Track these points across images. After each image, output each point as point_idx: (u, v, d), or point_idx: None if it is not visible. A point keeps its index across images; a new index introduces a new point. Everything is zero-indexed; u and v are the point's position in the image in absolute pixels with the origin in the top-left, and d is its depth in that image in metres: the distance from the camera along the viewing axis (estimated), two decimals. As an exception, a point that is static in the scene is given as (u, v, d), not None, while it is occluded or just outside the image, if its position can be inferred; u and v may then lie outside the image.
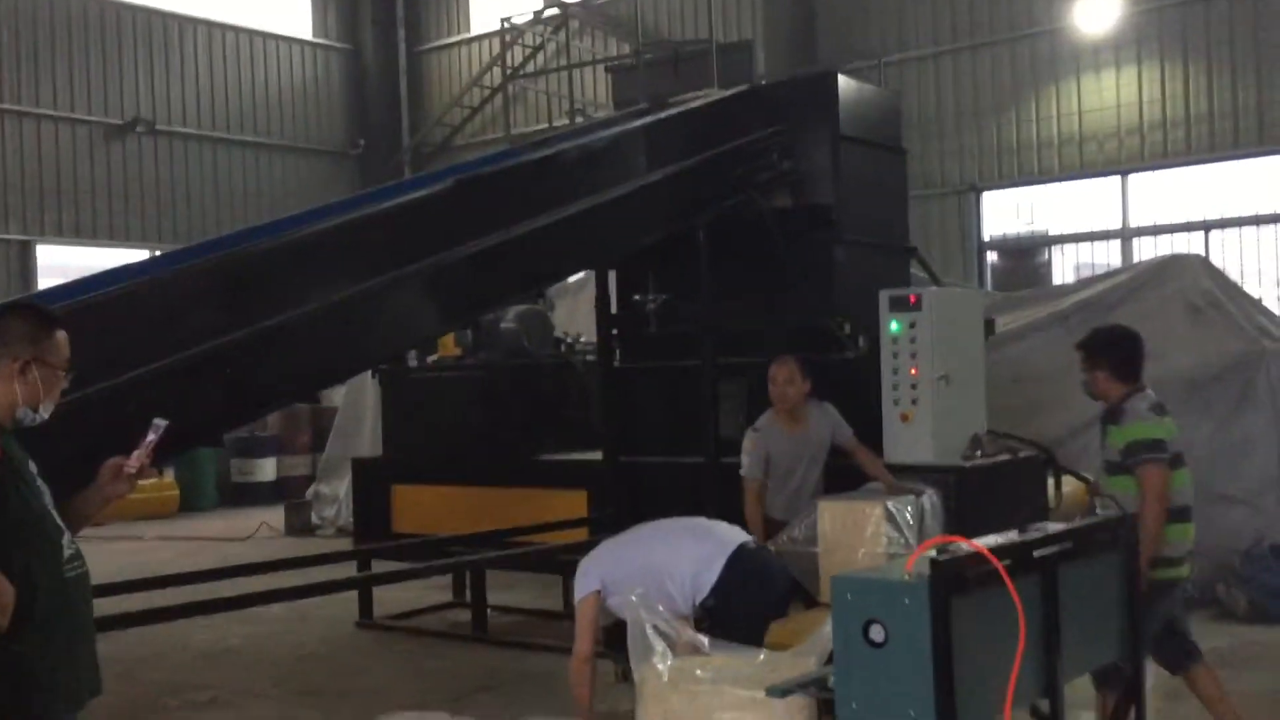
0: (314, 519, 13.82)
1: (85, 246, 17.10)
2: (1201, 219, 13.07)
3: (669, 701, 3.40)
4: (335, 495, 13.48)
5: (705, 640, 3.67)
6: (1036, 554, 3.05)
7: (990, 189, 14.56)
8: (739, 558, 4.43)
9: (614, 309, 7.30)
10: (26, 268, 16.67)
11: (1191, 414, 8.58)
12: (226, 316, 4.33)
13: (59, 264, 16.77)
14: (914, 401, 6.25)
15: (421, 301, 4.99)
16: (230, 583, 6.95)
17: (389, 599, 8.79)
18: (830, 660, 2.87)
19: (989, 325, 7.60)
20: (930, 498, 5.78)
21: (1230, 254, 12.89)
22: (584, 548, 5.28)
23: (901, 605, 2.68)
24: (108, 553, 11.10)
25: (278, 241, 4.71)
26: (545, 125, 16.50)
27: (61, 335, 3.10)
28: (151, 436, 3.16)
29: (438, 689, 6.79)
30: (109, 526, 14.18)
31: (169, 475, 15.49)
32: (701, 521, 4.98)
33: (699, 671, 3.44)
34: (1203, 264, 9.72)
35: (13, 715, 2.86)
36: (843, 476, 6.07)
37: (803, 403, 5.98)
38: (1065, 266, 14.07)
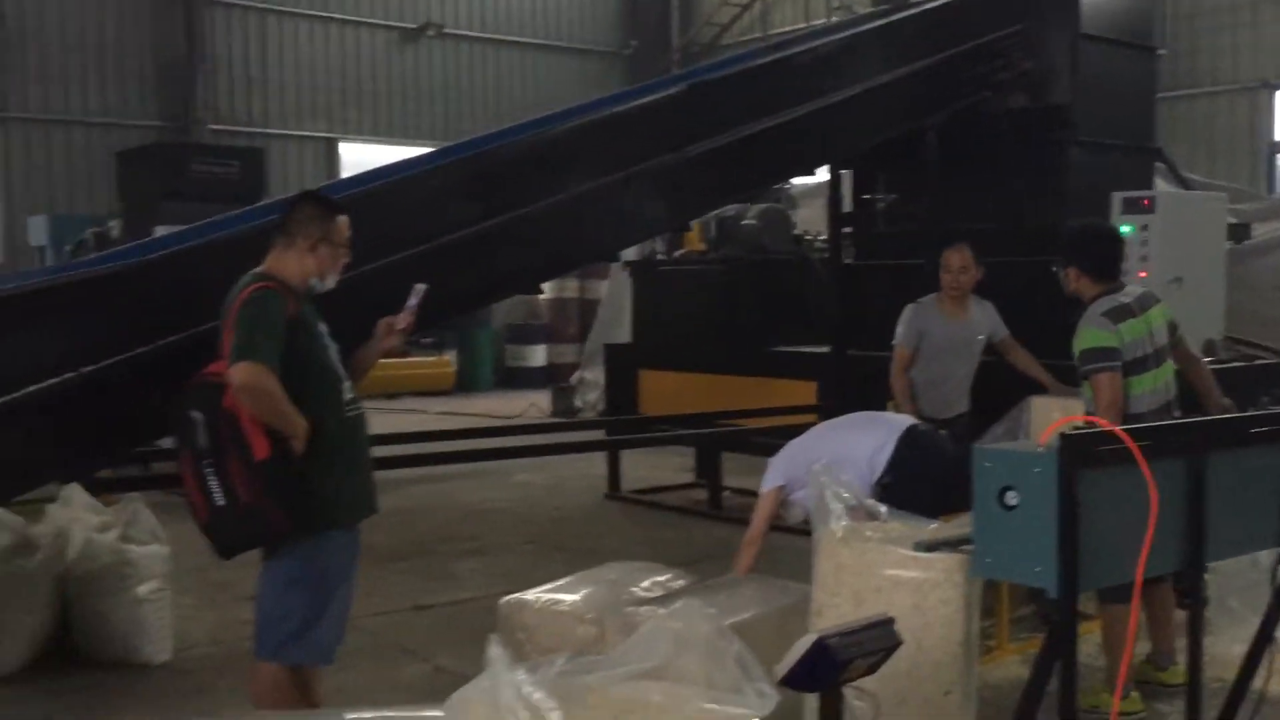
0: (577, 403, 14.81)
1: (380, 144, 18.62)
2: None
3: (840, 556, 3.81)
4: (597, 381, 14.39)
5: (883, 509, 4.03)
6: (1183, 439, 3.24)
7: (1284, 85, 13.56)
8: (910, 437, 4.66)
9: (847, 208, 7.55)
10: (331, 162, 18.35)
11: None
12: (479, 208, 4.96)
13: (359, 160, 18.38)
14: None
15: (651, 198, 5.46)
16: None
17: (635, 476, 9.53)
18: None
19: (1241, 230, 7.37)
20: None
21: None
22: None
23: (1032, 474, 2.96)
24: (398, 419, 12.44)
25: (524, 141, 5.28)
26: (804, 24, 16.52)
27: (343, 219, 3.74)
28: (413, 300, 3.82)
29: (670, 554, 7.41)
30: (399, 400, 15.78)
31: (448, 354, 16.94)
32: (873, 413, 5.27)
33: (869, 532, 3.83)
34: None
35: (306, 522, 3.56)
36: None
37: (970, 292, 6.02)
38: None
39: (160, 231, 9.35)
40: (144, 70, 16.52)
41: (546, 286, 18.99)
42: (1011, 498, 3.01)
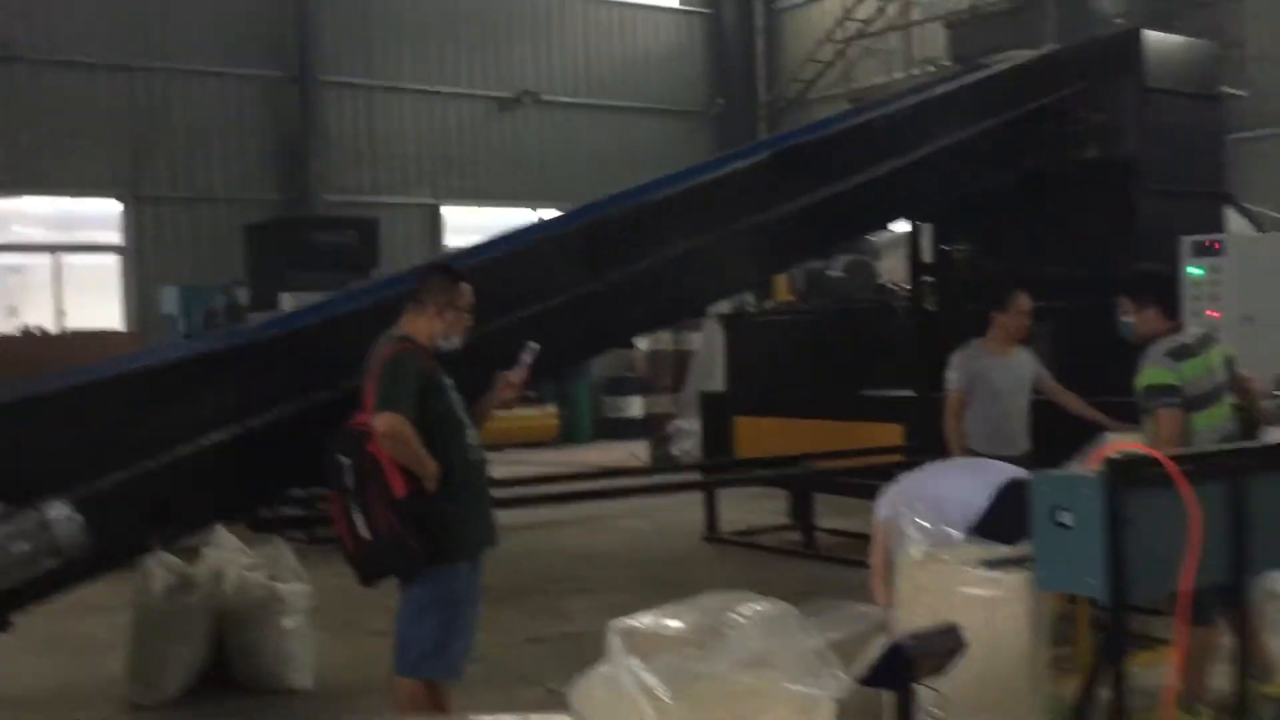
0: (674, 451, 15.23)
1: (480, 207, 19.44)
2: None
3: (918, 578, 4.20)
4: (692, 430, 14.81)
5: (959, 534, 4.39)
6: (1224, 464, 3.58)
7: (1373, 121, 13.56)
8: (1010, 489, 4.70)
9: (928, 258, 7.93)
10: (435, 226, 19.20)
11: None
12: (585, 271, 5.49)
13: (461, 224, 19.22)
14: (1214, 343, 6.50)
15: (739, 257, 5.93)
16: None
17: (731, 519, 9.91)
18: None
19: (1316, 268, 7.54)
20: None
21: None
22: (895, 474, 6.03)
23: (1081, 495, 3.34)
24: (504, 465, 13.02)
25: (625, 208, 5.81)
26: (885, 79, 16.94)
27: (466, 287, 4.29)
28: (526, 358, 4.35)
29: (767, 591, 7.68)
30: (505, 452, 16.39)
31: (550, 407, 17.54)
32: (983, 460, 5.55)
33: (945, 555, 4.21)
34: None
35: (438, 552, 4.07)
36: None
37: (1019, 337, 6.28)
38: None
39: (286, 299, 10.12)
40: (264, 148, 17.61)
41: (641, 340, 19.57)
42: (1065, 517, 3.40)
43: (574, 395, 18.44)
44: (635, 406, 18.96)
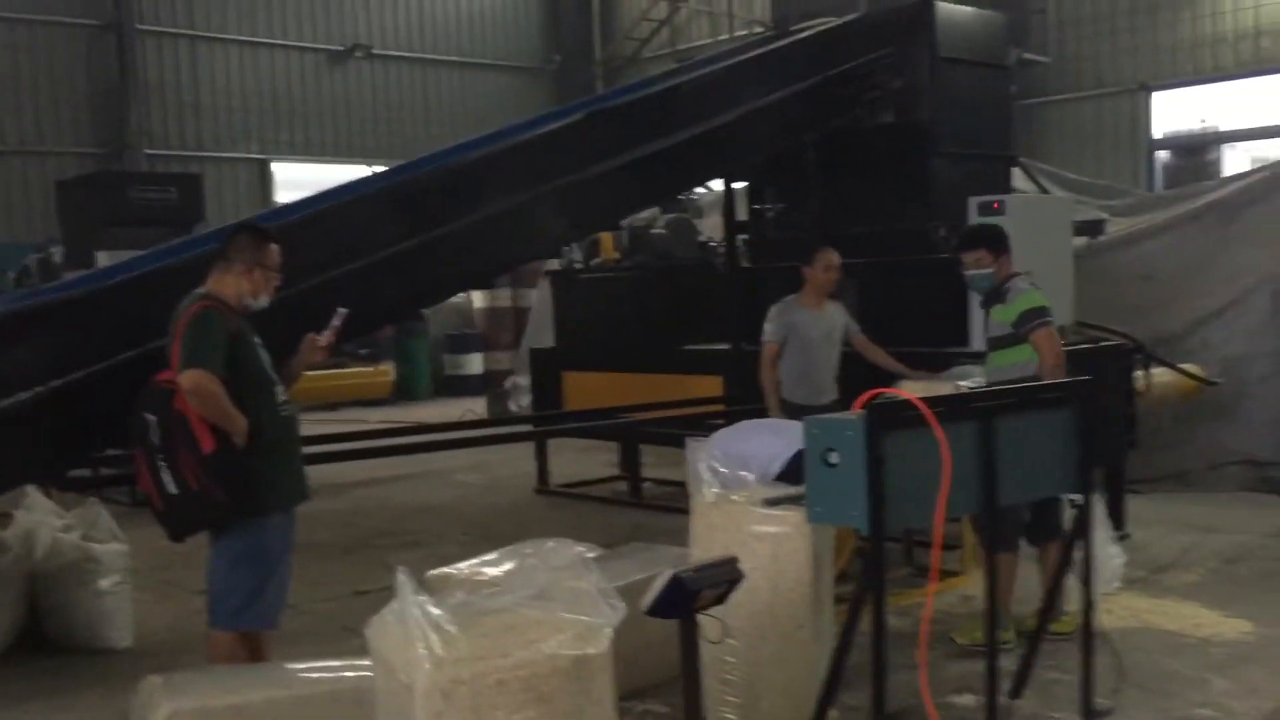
0: (512, 406, 15.40)
1: (313, 163, 19.09)
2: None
3: (711, 518, 4.50)
4: (528, 386, 15.02)
5: (751, 477, 4.70)
6: (975, 405, 3.97)
7: (1161, 88, 14.52)
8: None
9: (742, 217, 8.26)
10: (264, 182, 18.79)
11: (1314, 309, 8.96)
12: (403, 228, 5.59)
13: (292, 179, 18.85)
14: (998, 296, 6.99)
15: (556, 214, 6.11)
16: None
17: (563, 473, 10.18)
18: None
19: (1096, 226, 8.17)
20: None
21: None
22: (716, 425, 6.31)
23: (847, 437, 3.67)
24: (339, 424, 12.97)
25: (443, 167, 5.92)
26: (715, 40, 17.29)
27: (275, 247, 4.34)
28: (336, 321, 4.45)
29: (592, 538, 8.03)
30: (339, 411, 16.30)
31: (385, 364, 17.48)
32: (788, 422, 5.91)
33: (735, 496, 4.51)
34: (1342, 162, 9.81)
35: (248, 506, 4.15)
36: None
37: (829, 291, 6.64)
38: (1236, 164, 13.98)
39: (103, 257, 9.84)
40: (79, 100, 16.91)
41: (480, 296, 19.59)
42: (833, 457, 3.72)
43: (412, 352, 18.39)
44: (475, 363, 19.00)
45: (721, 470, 4.66)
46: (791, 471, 5.12)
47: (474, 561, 5.07)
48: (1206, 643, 5.30)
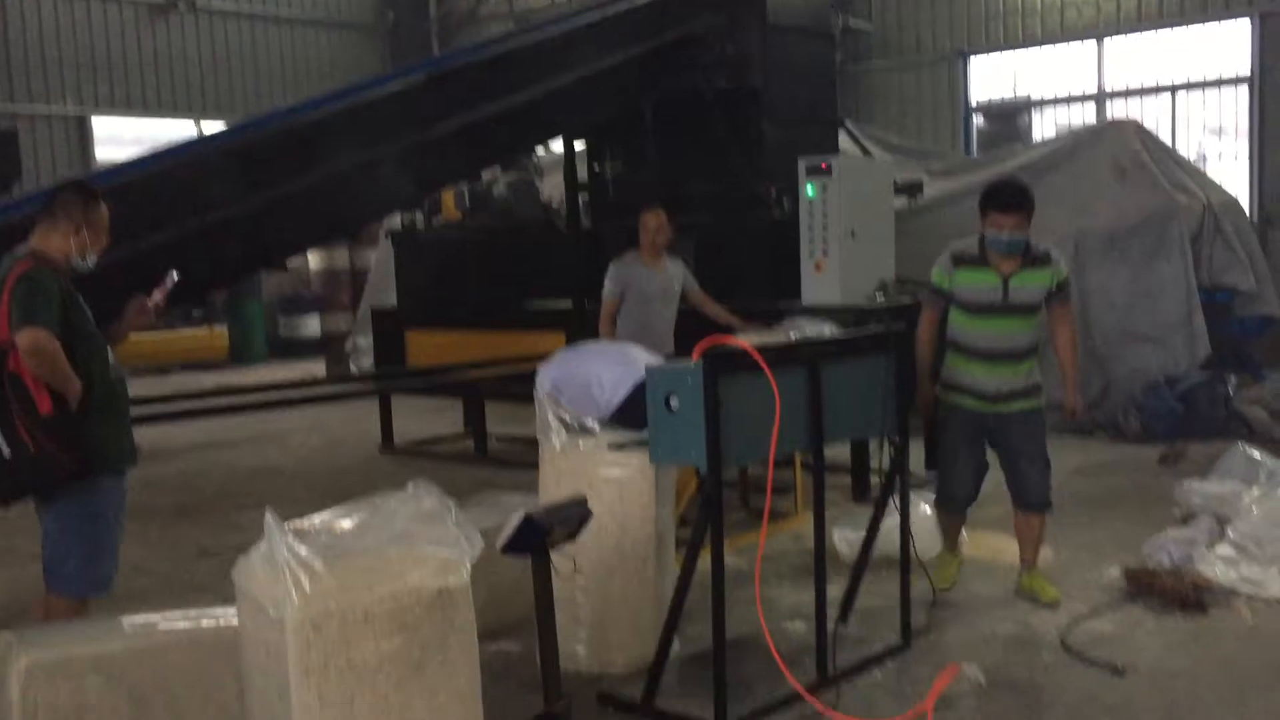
0: (352, 368, 15.28)
1: (135, 118, 18.35)
2: (1170, 82, 13.81)
3: (559, 464, 4.72)
4: (369, 347, 14.92)
5: (596, 425, 4.93)
6: (802, 352, 4.30)
7: (976, 54, 15.26)
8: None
9: (583, 177, 8.46)
10: (84, 138, 17.98)
11: (1111, 263, 9.71)
12: (242, 188, 5.59)
13: (113, 134, 18.09)
14: (825, 253, 7.41)
15: (398, 174, 6.20)
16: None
17: (408, 430, 10.24)
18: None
19: (915, 188, 8.67)
20: (830, 328, 6.86)
21: (1195, 114, 13.71)
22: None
23: (686, 383, 3.94)
24: (172, 386, 12.69)
25: (281, 126, 5.93)
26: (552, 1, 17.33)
27: (103, 207, 4.22)
28: (167, 283, 4.40)
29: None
30: (174, 375, 15.89)
31: (219, 326, 17.08)
32: (630, 348, 6.14)
33: (581, 444, 4.74)
34: (1135, 129, 10.59)
35: (83, 469, 4.05)
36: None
37: (665, 248, 6.87)
38: (1045, 128, 14.85)
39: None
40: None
41: (315, 257, 19.25)
42: (674, 402, 3.99)
43: (244, 314, 17.99)
44: (312, 326, 18.72)
45: (566, 419, 4.87)
46: (630, 403, 5.32)
47: (327, 514, 5.15)
48: (1012, 569, 5.80)
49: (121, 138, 17.62)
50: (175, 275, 4.43)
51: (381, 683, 2.85)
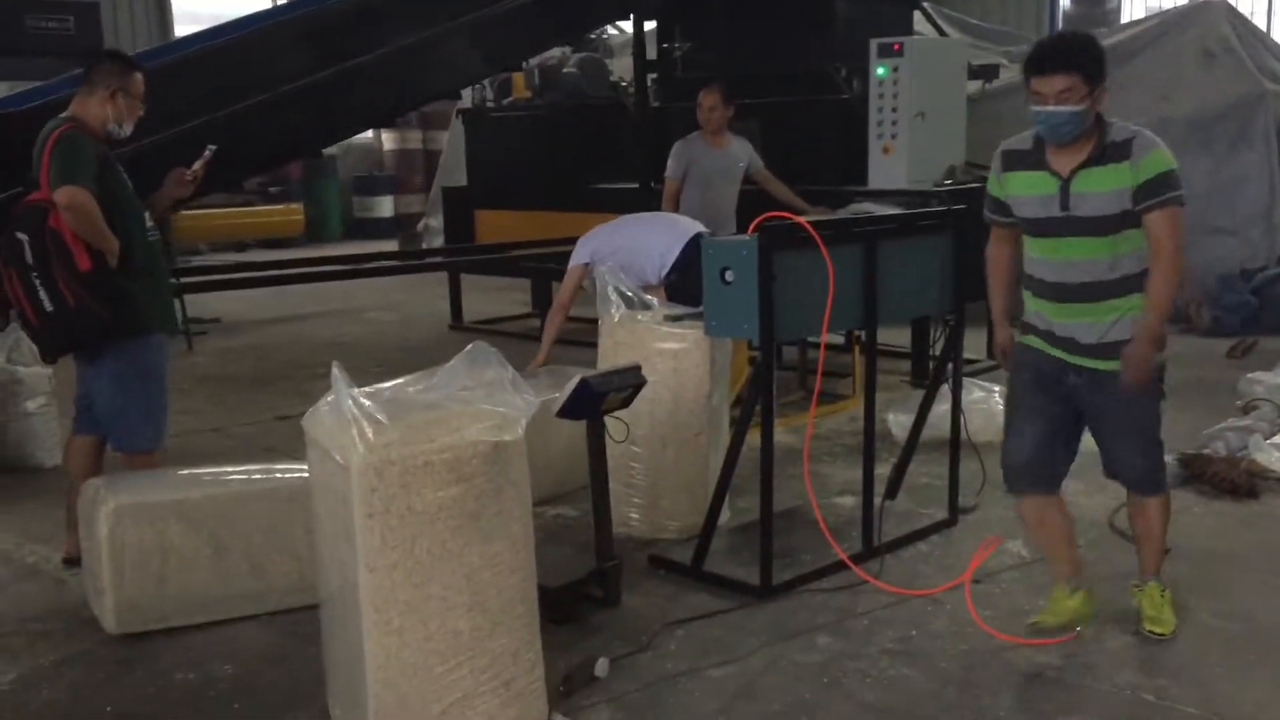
0: (424, 248, 15.52)
1: (213, -4, 18.43)
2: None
3: (617, 335, 4.83)
4: (440, 226, 15.11)
5: (655, 301, 5.03)
6: (858, 229, 4.32)
7: (1066, -65, 14.73)
8: (695, 244, 5.58)
9: (652, 56, 8.39)
10: (164, 15, 18.14)
11: (1191, 153, 9.46)
12: (310, 61, 5.67)
13: (190, 11, 18.23)
14: (894, 136, 7.34)
15: (467, 49, 6.22)
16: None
17: (477, 309, 10.45)
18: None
19: (991, 71, 8.49)
20: (894, 210, 6.77)
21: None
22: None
23: (741, 256, 4.00)
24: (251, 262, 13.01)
25: (342, 3, 5.96)
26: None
27: (139, 75, 4.30)
28: (205, 155, 4.48)
29: (505, 369, 8.44)
30: (250, 252, 16.25)
31: (294, 204, 17.37)
32: (674, 216, 6.19)
33: (640, 316, 4.85)
34: (1226, 10, 10.19)
35: (125, 326, 4.19)
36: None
37: (725, 126, 6.81)
38: (1135, 10, 14.34)
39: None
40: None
41: (390, 138, 19.38)
42: (729, 275, 4.06)
43: (321, 193, 18.27)
44: (386, 206, 18.97)
45: (625, 291, 4.98)
46: (681, 266, 5.37)
47: (396, 382, 5.34)
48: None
49: (199, 15, 17.73)
50: (213, 148, 4.49)
51: (440, 528, 3.02)
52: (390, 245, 15.96)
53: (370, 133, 19.71)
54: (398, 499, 2.97)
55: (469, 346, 3.35)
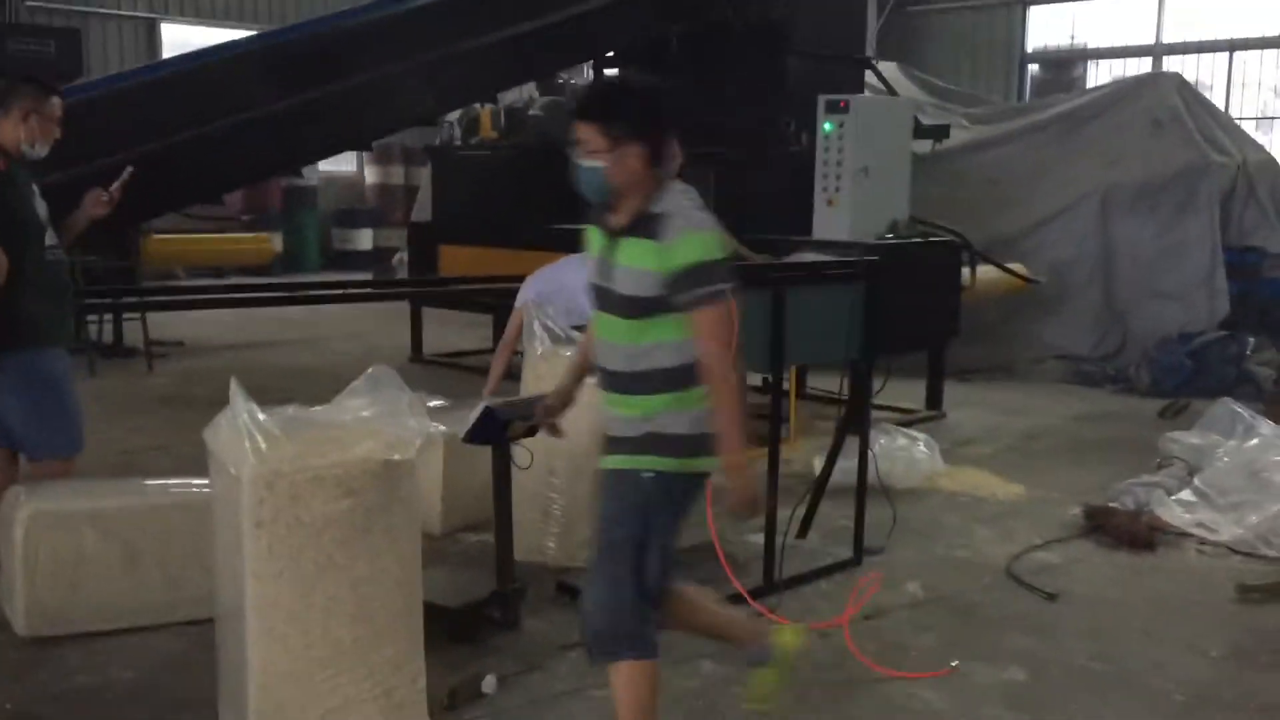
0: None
1: (203, 26, 18.74)
2: (1229, 38, 13.59)
3: (539, 369, 5.01)
4: (413, 261, 15.32)
5: (578, 335, 5.20)
6: (767, 275, 4.52)
7: (1036, 3, 15.10)
8: None
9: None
10: (152, 43, 18.41)
11: (1139, 217, 9.75)
12: (274, 90, 5.87)
13: (180, 40, 18.49)
14: (838, 189, 7.56)
15: (426, 85, 6.43)
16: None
17: (439, 343, 10.63)
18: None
19: (942, 130, 8.74)
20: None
21: (1251, 72, 13.52)
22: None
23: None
24: (209, 285, 13.18)
25: (316, 34, 6.18)
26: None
27: (56, 100, 4.41)
28: (124, 175, 4.62)
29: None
30: (229, 279, 16.40)
31: (269, 233, 17.57)
32: None
33: (563, 351, 5.02)
34: (1178, 82, 10.51)
35: (17, 343, 4.24)
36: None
37: (676, 174, 7.05)
38: (1100, 80, 14.69)
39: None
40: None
41: (371, 172, 19.63)
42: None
43: (300, 224, 18.46)
44: (365, 239, 19.14)
45: (550, 325, 5.16)
46: None
47: (324, 406, 5.49)
48: (982, 501, 6.02)
49: (189, 43, 17.99)
50: (131, 169, 4.63)
51: (327, 540, 3.17)
52: (366, 276, 16.11)
53: (353, 166, 19.98)
54: (285, 510, 3.12)
55: (369, 369, 3.51)
